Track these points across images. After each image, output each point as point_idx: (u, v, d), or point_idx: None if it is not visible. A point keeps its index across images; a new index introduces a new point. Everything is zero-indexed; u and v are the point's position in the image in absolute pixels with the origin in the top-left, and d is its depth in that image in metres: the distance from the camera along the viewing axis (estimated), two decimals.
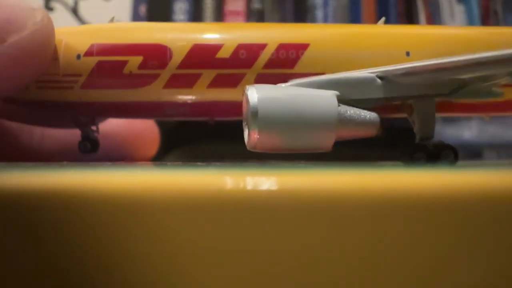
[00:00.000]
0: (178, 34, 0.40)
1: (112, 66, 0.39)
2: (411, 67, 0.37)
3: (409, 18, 0.79)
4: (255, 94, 0.33)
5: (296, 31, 0.42)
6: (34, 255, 0.20)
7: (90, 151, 0.42)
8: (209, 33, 0.41)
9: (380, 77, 0.37)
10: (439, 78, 0.37)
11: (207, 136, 0.67)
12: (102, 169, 0.28)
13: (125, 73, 0.39)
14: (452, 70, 0.36)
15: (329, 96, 0.34)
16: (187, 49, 0.40)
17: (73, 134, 0.43)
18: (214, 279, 0.19)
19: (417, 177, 0.21)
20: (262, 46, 0.40)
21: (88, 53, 0.39)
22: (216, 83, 0.40)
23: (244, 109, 0.35)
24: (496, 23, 0.78)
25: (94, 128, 0.43)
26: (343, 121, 0.33)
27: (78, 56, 0.39)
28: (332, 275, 0.20)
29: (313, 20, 0.78)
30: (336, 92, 0.34)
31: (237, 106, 0.39)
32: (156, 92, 0.40)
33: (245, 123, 0.35)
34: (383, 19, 0.47)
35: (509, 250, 0.20)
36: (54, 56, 0.39)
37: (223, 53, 0.40)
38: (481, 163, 0.51)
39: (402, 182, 0.21)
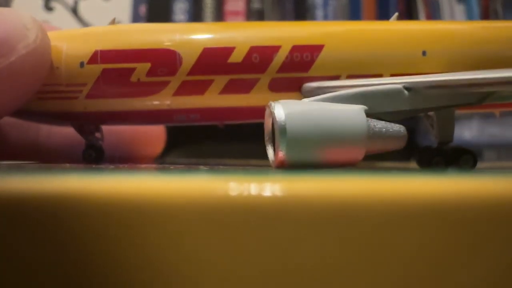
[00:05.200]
0: (187, 37, 0.38)
1: (118, 74, 0.37)
2: (443, 81, 0.35)
3: (409, 17, 0.79)
4: (281, 111, 0.31)
5: (309, 30, 0.40)
6: (36, 261, 0.19)
7: (95, 160, 0.40)
8: (219, 35, 0.39)
9: (407, 88, 0.35)
10: (470, 90, 0.35)
11: (210, 134, 0.67)
12: (104, 174, 0.28)
13: (132, 81, 0.37)
14: (490, 85, 0.34)
15: (357, 111, 0.32)
16: (197, 54, 0.38)
17: None
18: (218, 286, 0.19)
19: (432, 184, 0.20)
20: (276, 49, 0.38)
21: (92, 61, 0.37)
22: (228, 89, 0.38)
23: (268, 127, 0.33)
24: None
25: (98, 135, 0.41)
26: (373, 136, 0.32)
27: (82, 64, 0.37)
28: (341, 284, 0.19)
29: (313, 20, 0.78)
30: (364, 107, 0.33)
31: (249, 112, 0.38)
32: (165, 100, 0.38)
33: (267, 138, 0.34)
34: (396, 14, 0.44)
35: None
36: (55, 64, 0.37)
37: (235, 57, 0.38)
38: (499, 168, 0.50)
39: (416, 189, 0.20)
